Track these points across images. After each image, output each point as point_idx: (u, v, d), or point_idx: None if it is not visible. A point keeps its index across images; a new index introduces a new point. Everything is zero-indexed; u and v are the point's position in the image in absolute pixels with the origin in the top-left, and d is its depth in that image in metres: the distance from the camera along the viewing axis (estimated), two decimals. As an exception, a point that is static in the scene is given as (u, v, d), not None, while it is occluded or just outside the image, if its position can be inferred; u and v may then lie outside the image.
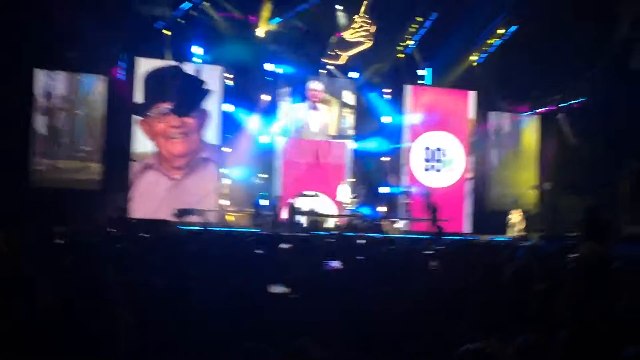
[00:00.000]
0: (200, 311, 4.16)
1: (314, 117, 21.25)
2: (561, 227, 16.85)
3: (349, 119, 21.72)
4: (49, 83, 18.51)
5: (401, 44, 20.94)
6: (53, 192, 17.61)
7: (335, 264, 6.17)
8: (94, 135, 18.86)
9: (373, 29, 18.61)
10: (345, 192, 20.49)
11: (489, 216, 21.35)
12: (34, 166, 18.21)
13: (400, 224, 20.50)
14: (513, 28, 19.88)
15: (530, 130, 22.68)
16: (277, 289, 4.83)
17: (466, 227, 21.64)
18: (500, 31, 20.23)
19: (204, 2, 18.68)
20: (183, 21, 18.87)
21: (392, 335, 3.86)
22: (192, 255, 6.74)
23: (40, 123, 18.46)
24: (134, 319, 3.54)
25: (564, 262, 5.97)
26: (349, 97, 21.67)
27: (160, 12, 18.46)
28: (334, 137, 21.52)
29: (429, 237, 15.34)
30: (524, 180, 22.47)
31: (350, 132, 21.72)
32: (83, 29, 16.96)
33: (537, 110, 22.02)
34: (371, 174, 21.45)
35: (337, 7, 19.35)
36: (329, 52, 19.62)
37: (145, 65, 19.38)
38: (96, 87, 18.93)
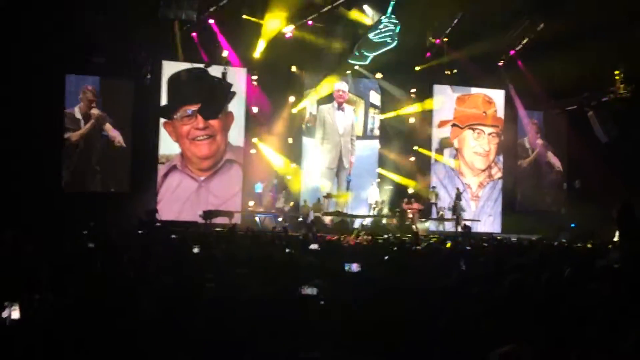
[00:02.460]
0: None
1: (340, 117, 21.22)
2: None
3: (376, 119, 21.67)
4: (79, 88, 18.75)
5: (427, 43, 20.79)
6: (83, 195, 17.83)
7: (355, 266, 6.12)
8: (122, 138, 19.04)
9: (398, 29, 18.50)
10: (373, 195, 20.50)
11: (518, 215, 21.14)
12: (65, 170, 18.44)
13: (428, 224, 20.41)
14: (540, 26, 19.60)
15: (560, 128, 22.40)
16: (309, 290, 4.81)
17: (495, 226, 21.46)
18: (527, 30, 19.94)
19: (228, 6, 18.69)
20: (209, 24, 18.94)
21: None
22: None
23: (70, 128, 18.70)
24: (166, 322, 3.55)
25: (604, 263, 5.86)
26: (375, 97, 21.62)
27: (186, 16, 18.56)
28: (360, 137, 21.48)
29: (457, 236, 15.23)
30: (553, 179, 22.22)
31: (377, 132, 21.68)
32: (110, 35, 17.19)
33: (567, 108, 21.70)
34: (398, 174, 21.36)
35: (364, 7, 19.27)
36: (355, 53, 19.54)
37: (171, 69, 19.53)
38: (124, 90, 19.12)
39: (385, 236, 14.44)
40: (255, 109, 20.21)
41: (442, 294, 4.50)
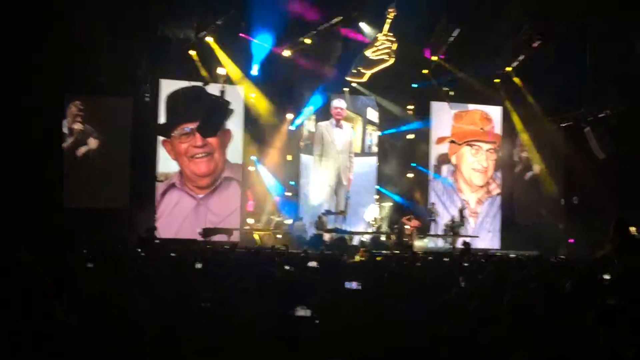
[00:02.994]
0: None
1: (338, 134, 21.28)
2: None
3: (374, 136, 21.74)
4: (78, 106, 18.80)
5: (424, 60, 20.90)
6: (82, 212, 17.80)
7: (354, 284, 6.10)
8: (120, 156, 19.05)
9: (395, 46, 18.61)
10: (372, 212, 20.50)
11: (517, 231, 21.14)
12: (65, 187, 18.42)
13: (426, 240, 20.40)
14: (536, 43, 19.72)
15: (556, 143, 22.44)
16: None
17: (494, 242, 21.46)
18: (524, 45, 20.05)
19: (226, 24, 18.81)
20: (207, 42, 19.05)
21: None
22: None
23: (70, 145, 18.73)
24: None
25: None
26: (372, 114, 21.69)
27: (184, 35, 18.70)
28: (358, 154, 21.52)
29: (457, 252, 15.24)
30: (551, 194, 22.24)
31: (375, 149, 21.73)
32: (109, 53, 17.29)
33: (564, 124, 21.78)
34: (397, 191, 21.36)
35: (361, 24, 19.40)
36: (352, 70, 19.65)
37: (169, 87, 19.62)
38: (123, 109, 19.17)
39: (384, 252, 14.45)
40: (252, 127, 20.27)
41: (442, 310, 4.50)
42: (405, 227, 19.74)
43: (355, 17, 19.15)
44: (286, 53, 19.45)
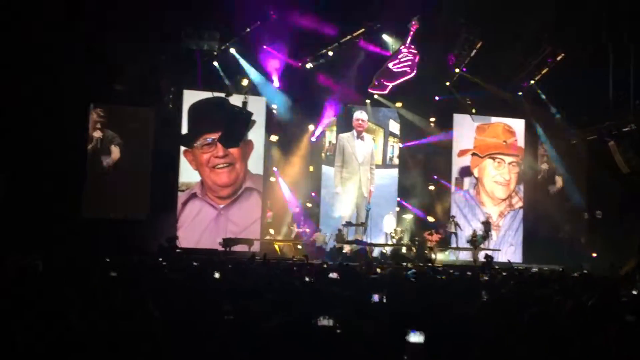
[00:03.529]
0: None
1: (360, 146, 21.29)
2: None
3: (395, 148, 21.72)
4: (102, 117, 19.04)
5: (447, 72, 20.85)
6: (104, 221, 17.96)
7: (376, 296, 6.10)
8: (143, 166, 19.22)
9: (417, 58, 18.63)
10: (389, 223, 20.44)
11: (539, 245, 20.96)
12: (87, 197, 18.62)
13: (447, 253, 20.31)
14: (560, 56, 19.58)
15: (580, 157, 22.24)
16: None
17: (516, 256, 21.23)
18: (547, 58, 19.93)
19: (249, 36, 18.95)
20: (230, 54, 19.23)
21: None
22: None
23: (93, 155, 18.95)
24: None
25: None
26: (394, 126, 21.69)
27: (208, 47, 18.86)
28: (379, 166, 21.51)
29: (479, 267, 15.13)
30: (574, 208, 22.02)
31: (396, 161, 21.70)
32: (133, 64, 17.50)
33: (588, 137, 21.58)
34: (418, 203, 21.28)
35: (383, 36, 19.47)
36: (374, 82, 19.68)
37: (192, 98, 19.77)
38: (146, 119, 19.36)
39: (404, 265, 14.40)
40: (274, 138, 20.36)
41: (464, 323, 4.48)
42: (427, 240, 19.67)
43: (377, 29, 19.22)
44: (308, 65, 19.55)
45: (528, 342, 3.91)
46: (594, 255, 19.22)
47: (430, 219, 21.19)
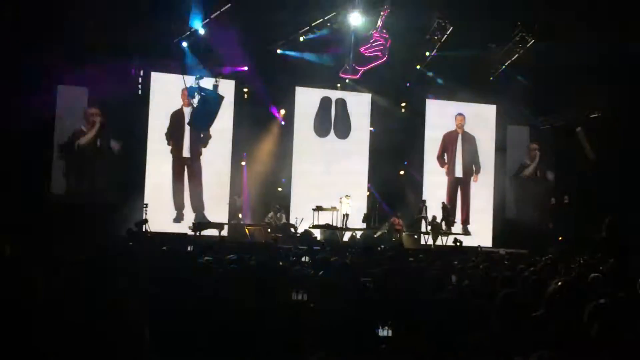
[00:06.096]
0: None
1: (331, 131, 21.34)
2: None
3: (366, 132, 21.74)
4: (70, 98, 18.70)
5: (418, 57, 20.89)
6: (74, 205, 17.69)
7: None
8: (112, 148, 18.99)
9: (389, 43, 18.63)
10: (347, 205, 20.35)
11: (508, 229, 21.27)
12: (55, 180, 18.35)
13: (416, 237, 20.45)
14: (530, 43, 19.74)
15: (548, 143, 22.57)
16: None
17: (486, 240, 21.45)
18: (518, 44, 20.08)
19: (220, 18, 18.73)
20: (200, 35, 18.97)
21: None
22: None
23: (60, 137, 18.64)
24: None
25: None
26: (365, 110, 21.69)
27: (177, 27, 18.59)
28: (350, 151, 21.54)
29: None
30: (542, 193, 22.38)
31: (367, 146, 21.74)
32: (102, 45, 17.17)
33: (555, 124, 21.89)
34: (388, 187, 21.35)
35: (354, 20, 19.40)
36: (346, 67, 19.66)
37: (161, 80, 19.54)
38: (116, 101, 19.05)
39: (380, 248, 14.57)
40: (245, 122, 20.23)
41: (441, 307, 4.54)
42: (395, 223, 19.77)
43: (348, 13, 19.15)
44: (279, 49, 19.43)
45: (500, 324, 3.96)
46: (561, 239, 19.54)
47: (399, 203, 21.24)
